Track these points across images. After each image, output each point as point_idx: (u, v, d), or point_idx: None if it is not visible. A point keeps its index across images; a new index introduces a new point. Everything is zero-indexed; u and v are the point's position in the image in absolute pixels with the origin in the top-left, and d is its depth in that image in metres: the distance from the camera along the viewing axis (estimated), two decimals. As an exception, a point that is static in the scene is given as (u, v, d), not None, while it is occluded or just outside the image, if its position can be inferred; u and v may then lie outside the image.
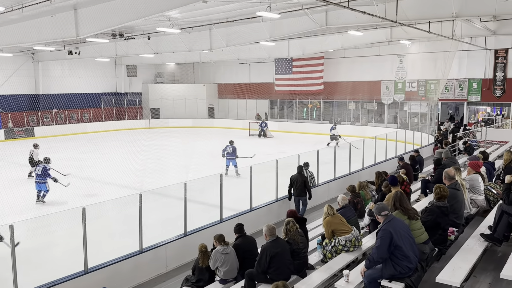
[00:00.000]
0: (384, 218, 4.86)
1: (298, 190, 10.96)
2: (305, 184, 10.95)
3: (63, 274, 7.02)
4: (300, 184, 10.92)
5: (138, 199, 7.74)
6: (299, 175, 11.00)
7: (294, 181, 10.99)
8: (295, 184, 10.97)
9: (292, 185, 11.06)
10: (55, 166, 13.61)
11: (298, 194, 11.01)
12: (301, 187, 10.93)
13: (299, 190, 10.95)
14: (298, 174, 11.03)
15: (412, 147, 18.69)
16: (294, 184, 11.01)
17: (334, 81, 29.93)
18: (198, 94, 35.61)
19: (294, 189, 11.03)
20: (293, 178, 11.01)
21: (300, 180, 10.92)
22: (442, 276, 4.72)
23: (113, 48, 23.94)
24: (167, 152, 22.29)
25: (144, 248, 7.96)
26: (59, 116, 31.34)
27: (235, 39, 19.07)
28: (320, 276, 5.77)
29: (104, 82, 34.06)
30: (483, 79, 24.03)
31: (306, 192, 11.02)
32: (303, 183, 10.92)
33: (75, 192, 13.33)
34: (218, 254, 6.54)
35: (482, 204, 7.23)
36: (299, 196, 11.02)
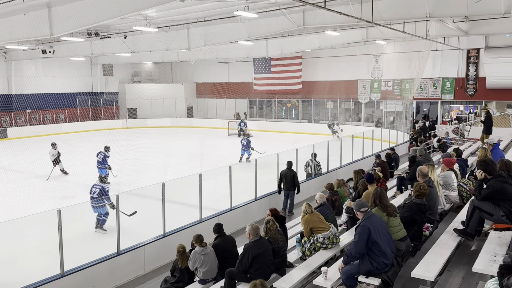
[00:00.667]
0: (363, 214, 4.96)
1: (287, 184, 11.43)
2: (294, 178, 11.37)
3: (38, 278, 6.88)
4: (290, 179, 11.36)
5: (115, 201, 7.65)
6: (288, 171, 11.45)
7: (283, 176, 11.45)
8: (285, 179, 11.41)
9: (281, 180, 11.51)
10: (31, 168, 13.28)
11: (287, 189, 11.49)
12: (290, 181, 11.36)
13: (288, 185, 11.42)
14: (287, 169, 11.47)
15: (388, 145, 19.04)
16: (283, 179, 11.45)
17: (312, 80, 30.19)
18: (177, 94, 35.32)
19: (284, 183, 11.47)
20: (283, 173, 11.48)
21: (290, 175, 11.37)
22: (417, 271, 4.83)
23: (88, 47, 23.50)
24: (145, 153, 22.06)
25: (122, 249, 7.88)
26: (33, 117, 30.59)
27: (213, 38, 18.99)
28: (299, 274, 5.83)
29: (80, 82, 33.38)
30: (456, 78, 24.66)
31: (295, 187, 11.44)
32: (292, 178, 11.35)
33: (50, 194, 13.08)
34: (197, 254, 6.52)
35: (456, 200, 7.42)
36: (288, 190, 11.49)
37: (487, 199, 5.48)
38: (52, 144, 16.53)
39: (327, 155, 14.44)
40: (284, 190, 11.58)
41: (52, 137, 27.79)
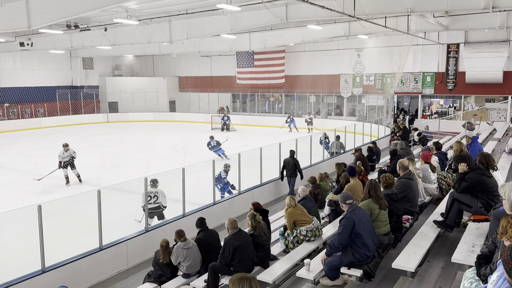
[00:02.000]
0: (348, 206, 5.00)
1: (290, 171, 12.22)
2: (296, 166, 12.23)
3: (19, 274, 6.77)
4: (292, 166, 12.16)
5: (96, 196, 7.56)
6: (291, 159, 12.26)
7: (286, 164, 12.26)
8: (287, 166, 12.22)
9: (284, 167, 12.31)
10: (10, 163, 12.99)
11: (290, 175, 12.27)
12: (292, 168, 12.16)
13: (290, 171, 12.21)
14: (290, 157, 12.30)
15: (369, 139, 19.25)
16: (286, 166, 12.25)
17: (295, 74, 30.26)
18: (159, 87, 34.98)
19: (287, 170, 12.28)
20: (286, 161, 12.28)
21: (292, 163, 12.19)
22: (398, 262, 4.92)
23: (68, 39, 23.01)
24: (126, 147, 21.81)
25: (104, 245, 7.80)
26: (11, 111, 29.89)
27: (195, 31, 18.84)
28: (282, 266, 5.87)
29: (59, 75, 32.71)
30: (436, 72, 25.06)
31: (297, 173, 12.24)
32: (294, 165, 12.20)
33: (30, 189, 12.84)
34: (180, 249, 6.51)
35: (435, 193, 7.57)
36: (290, 176, 12.25)
37: (466, 191, 5.60)
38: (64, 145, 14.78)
39: (310, 149, 14.53)
40: (287, 177, 12.32)
41: (31, 131, 27.31)
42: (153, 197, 9.54)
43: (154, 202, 9.52)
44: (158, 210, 9.60)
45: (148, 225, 8.68)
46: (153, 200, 9.53)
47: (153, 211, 9.49)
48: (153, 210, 9.47)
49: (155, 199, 9.56)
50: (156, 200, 9.56)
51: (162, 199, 9.68)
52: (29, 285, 6.70)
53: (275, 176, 13.17)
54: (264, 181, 12.53)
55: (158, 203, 9.58)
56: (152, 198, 9.51)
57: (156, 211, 9.56)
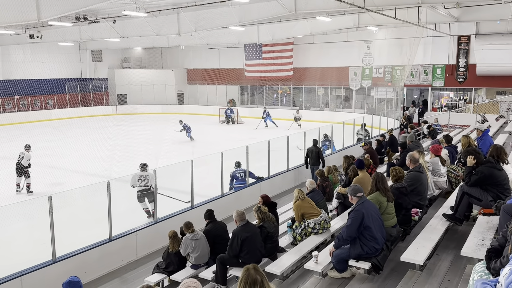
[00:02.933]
0: (358, 199, 4.99)
1: (313, 159, 12.66)
2: (319, 154, 12.72)
3: (30, 264, 6.87)
4: (315, 155, 12.62)
5: (106, 187, 7.63)
6: (314, 147, 12.77)
7: (310, 152, 12.72)
8: (311, 154, 12.68)
9: (308, 155, 12.81)
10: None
11: (313, 163, 12.67)
12: (315, 157, 12.62)
13: (313, 160, 12.65)
14: (313, 146, 12.80)
15: (378, 131, 19.14)
16: (310, 155, 12.72)
17: (303, 67, 30.10)
18: (167, 80, 35.03)
19: (310, 159, 12.73)
20: (309, 150, 12.77)
21: (315, 151, 12.67)
22: (407, 255, 4.91)
23: (77, 32, 23.09)
24: (135, 139, 21.93)
25: (113, 236, 7.89)
26: (22, 103, 30.16)
27: (204, 23, 18.79)
28: (290, 258, 5.89)
29: (68, 67, 32.90)
30: (446, 65, 24.76)
31: (319, 161, 12.65)
32: (317, 153, 12.67)
33: (41, 180, 12.98)
34: (188, 240, 6.56)
35: (444, 186, 7.52)
36: (313, 165, 12.64)
37: (476, 184, 5.56)
38: (26, 146, 13.55)
39: (319, 142, 14.47)
40: (310, 165, 12.75)
41: (41, 123, 27.56)
42: (143, 180, 10.15)
43: (144, 184, 10.14)
44: (148, 191, 10.10)
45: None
46: (144, 182, 10.15)
47: (143, 193, 10.12)
48: (143, 192, 10.12)
49: (146, 182, 10.14)
50: (147, 183, 10.12)
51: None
52: (40, 275, 6.80)
53: (283, 169, 13.17)
54: (272, 173, 12.54)
55: (148, 186, 10.10)
56: (143, 181, 10.16)
57: (146, 192, 10.12)
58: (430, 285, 4.61)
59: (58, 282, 5.51)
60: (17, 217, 7.78)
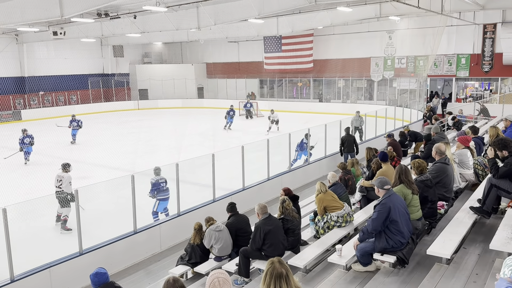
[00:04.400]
0: (385, 192, 4.91)
1: (348, 147, 13.21)
2: (354, 142, 13.28)
3: (58, 256, 7.05)
4: (350, 143, 13.20)
5: (130, 181, 7.74)
6: (347, 135, 13.38)
7: (345, 141, 13.30)
8: (346, 143, 13.25)
9: (343, 143, 13.35)
10: (46, 149, 13.40)
11: (348, 151, 13.20)
12: (350, 145, 13.19)
13: (348, 147, 13.19)
14: (346, 135, 13.40)
15: (401, 123, 18.84)
16: (344, 143, 13.27)
17: (323, 58, 29.78)
18: (187, 74, 35.22)
19: (344, 147, 13.30)
20: (344, 139, 13.36)
21: (349, 140, 13.26)
22: (433, 248, 4.83)
23: (98, 28, 23.44)
24: (157, 134, 22.17)
25: (138, 228, 8.01)
26: (46, 99, 30.86)
27: (223, 17, 18.78)
28: (313, 252, 5.87)
29: (91, 63, 33.46)
30: (471, 54, 24.11)
31: (354, 148, 13.16)
32: (352, 141, 13.25)
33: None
34: (212, 232, 6.62)
35: (471, 179, 7.35)
36: (348, 152, 13.15)
37: (505, 176, 5.41)
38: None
39: (340, 134, 14.35)
40: (345, 153, 13.26)
41: (65, 118, 28.12)
42: (58, 180, 9.28)
43: (58, 186, 9.19)
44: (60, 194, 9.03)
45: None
46: (58, 184, 9.22)
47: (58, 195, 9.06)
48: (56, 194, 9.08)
49: (60, 183, 9.21)
50: (61, 184, 9.16)
51: (66, 185, 9.09)
52: (68, 266, 6.98)
53: (304, 162, 13.12)
54: (293, 166, 12.51)
55: (62, 189, 9.07)
56: (58, 181, 9.27)
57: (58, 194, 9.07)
58: (457, 279, 4.53)
59: (85, 274, 5.64)
60: (46, 209, 7.98)
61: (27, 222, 8.59)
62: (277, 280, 2.82)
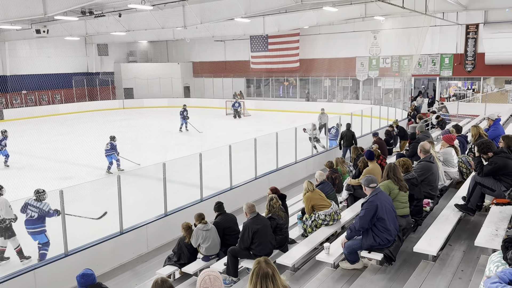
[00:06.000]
0: (371, 190, 4.95)
1: (347, 142, 13.69)
2: (353, 137, 13.80)
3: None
4: (349, 137, 13.70)
5: (116, 181, 7.66)
6: (347, 131, 13.85)
7: (344, 136, 13.88)
8: (345, 137, 13.79)
9: (342, 138, 13.98)
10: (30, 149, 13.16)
11: (347, 145, 13.61)
12: (349, 139, 13.67)
13: (347, 142, 13.65)
14: (347, 130, 13.89)
15: (386, 122, 19.03)
16: (344, 138, 13.85)
17: (310, 58, 29.92)
18: (173, 73, 34.99)
19: (344, 141, 13.83)
20: (343, 133, 13.96)
21: (349, 134, 13.76)
22: (420, 245, 4.89)
23: (83, 26, 23.12)
24: (143, 133, 21.98)
25: (124, 229, 7.94)
26: (29, 98, 30.32)
27: (209, 15, 18.71)
28: (301, 250, 5.89)
29: (75, 62, 32.96)
30: (454, 54, 24.49)
31: (353, 142, 13.38)
32: (351, 136, 13.71)
33: (50, 175, 13.06)
34: (199, 231, 6.60)
35: (455, 176, 7.46)
36: (347, 146, 13.55)
37: (489, 174, 5.51)
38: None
39: (326, 134, 14.45)
40: (344, 147, 13.83)
41: (49, 118, 27.69)
42: None
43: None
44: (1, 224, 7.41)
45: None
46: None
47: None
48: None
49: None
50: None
51: (6, 210, 7.45)
52: (53, 268, 6.88)
53: (291, 161, 13.16)
54: (280, 165, 12.53)
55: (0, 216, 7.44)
56: None
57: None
58: (443, 276, 4.60)
59: (71, 275, 5.57)
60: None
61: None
62: (263, 279, 2.83)
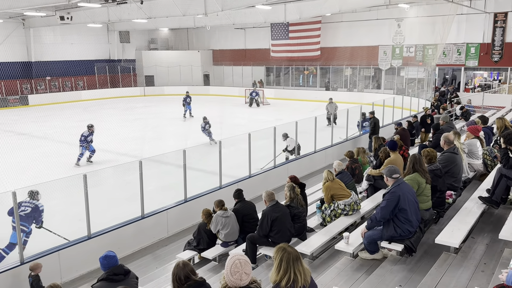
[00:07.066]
0: (394, 181, 4.88)
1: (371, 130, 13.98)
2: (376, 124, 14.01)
3: (66, 240, 7.13)
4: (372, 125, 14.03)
5: (138, 166, 7.77)
6: (374, 118, 14.07)
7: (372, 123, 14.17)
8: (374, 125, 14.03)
9: None
10: (53, 134, 13.45)
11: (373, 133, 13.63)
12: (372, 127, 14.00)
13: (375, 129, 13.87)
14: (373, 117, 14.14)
15: (409, 113, 18.72)
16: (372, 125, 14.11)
17: (331, 46, 29.53)
18: (193, 61, 35.08)
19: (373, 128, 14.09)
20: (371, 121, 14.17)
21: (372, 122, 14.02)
22: (441, 237, 4.82)
23: (105, 13, 23.34)
24: (164, 120, 22.19)
25: (145, 213, 8.07)
26: (53, 84, 30.92)
27: (230, 2, 18.60)
28: (320, 239, 5.89)
29: (97, 49, 33.39)
30: (481, 43, 23.79)
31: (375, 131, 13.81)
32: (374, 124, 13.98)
33: (74, 160, 13.35)
34: (219, 217, 6.66)
35: (480, 169, 7.31)
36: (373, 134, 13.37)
37: (515, 167, 5.37)
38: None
39: (347, 123, 14.31)
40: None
41: (72, 104, 28.23)
42: None
43: None
44: None
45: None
46: None
47: None
48: None
49: None
50: None
51: None
52: (77, 250, 7.06)
53: (310, 150, 13.10)
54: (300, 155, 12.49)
55: None
56: None
57: None
58: (465, 268, 4.53)
59: (94, 257, 5.72)
60: (54, 193, 8.03)
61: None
62: (295, 262, 2.86)
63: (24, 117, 17.05)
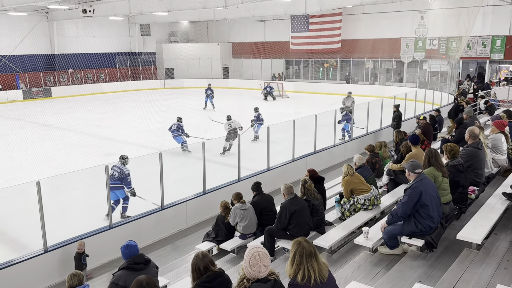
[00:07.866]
0: (416, 176, 4.81)
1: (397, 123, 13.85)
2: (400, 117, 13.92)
3: (88, 229, 7.28)
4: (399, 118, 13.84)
5: (158, 158, 7.86)
6: (398, 111, 13.91)
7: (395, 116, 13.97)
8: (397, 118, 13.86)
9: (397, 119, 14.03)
10: (76, 125, 13.71)
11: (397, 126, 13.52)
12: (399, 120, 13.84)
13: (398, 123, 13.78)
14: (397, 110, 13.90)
15: (431, 106, 18.38)
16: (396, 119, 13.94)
17: (352, 38, 29.16)
18: (212, 54, 35.16)
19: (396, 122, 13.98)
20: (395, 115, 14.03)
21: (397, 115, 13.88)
22: (463, 233, 4.75)
23: (126, 6, 23.56)
24: (184, 113, 22.29)
25: (165, 205, 8.17)
26: (75, 76, 31.48)
27: (251, -5, 18.56)
28: (339, 233, 5.87)
29: (119, 42, 33.82)
30: (507, 36, 23.12)
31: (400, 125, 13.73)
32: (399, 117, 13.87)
33: (96, 151, 13.60)
34: (237, 210, 6.70)
35: (504, 164, 7.14)
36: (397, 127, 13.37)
37: (541, 162, 5.23)
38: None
39: (367, 117, 14.13)
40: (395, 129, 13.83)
41: (94, 96, 28.71)
42: None
43: None
44: None
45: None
46: None
47: None
48: None
49: None
50: None
51: None
52: (98, 239, 7.20)
53: (330, 144, 13.01)
54: (318, 148, 12.41)
55: None
56: None
57: None
58: (487, 265, 4.45)
59: (115, 246, 5.83)
60: (76, 183, 8.20)
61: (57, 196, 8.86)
62: (308, 258, 2.86)
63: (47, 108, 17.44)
